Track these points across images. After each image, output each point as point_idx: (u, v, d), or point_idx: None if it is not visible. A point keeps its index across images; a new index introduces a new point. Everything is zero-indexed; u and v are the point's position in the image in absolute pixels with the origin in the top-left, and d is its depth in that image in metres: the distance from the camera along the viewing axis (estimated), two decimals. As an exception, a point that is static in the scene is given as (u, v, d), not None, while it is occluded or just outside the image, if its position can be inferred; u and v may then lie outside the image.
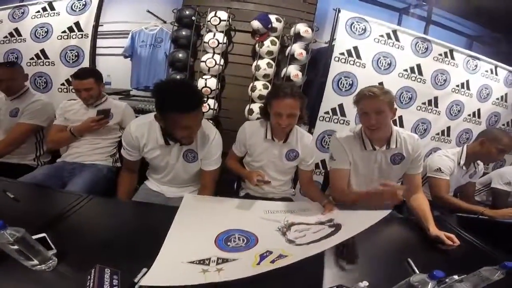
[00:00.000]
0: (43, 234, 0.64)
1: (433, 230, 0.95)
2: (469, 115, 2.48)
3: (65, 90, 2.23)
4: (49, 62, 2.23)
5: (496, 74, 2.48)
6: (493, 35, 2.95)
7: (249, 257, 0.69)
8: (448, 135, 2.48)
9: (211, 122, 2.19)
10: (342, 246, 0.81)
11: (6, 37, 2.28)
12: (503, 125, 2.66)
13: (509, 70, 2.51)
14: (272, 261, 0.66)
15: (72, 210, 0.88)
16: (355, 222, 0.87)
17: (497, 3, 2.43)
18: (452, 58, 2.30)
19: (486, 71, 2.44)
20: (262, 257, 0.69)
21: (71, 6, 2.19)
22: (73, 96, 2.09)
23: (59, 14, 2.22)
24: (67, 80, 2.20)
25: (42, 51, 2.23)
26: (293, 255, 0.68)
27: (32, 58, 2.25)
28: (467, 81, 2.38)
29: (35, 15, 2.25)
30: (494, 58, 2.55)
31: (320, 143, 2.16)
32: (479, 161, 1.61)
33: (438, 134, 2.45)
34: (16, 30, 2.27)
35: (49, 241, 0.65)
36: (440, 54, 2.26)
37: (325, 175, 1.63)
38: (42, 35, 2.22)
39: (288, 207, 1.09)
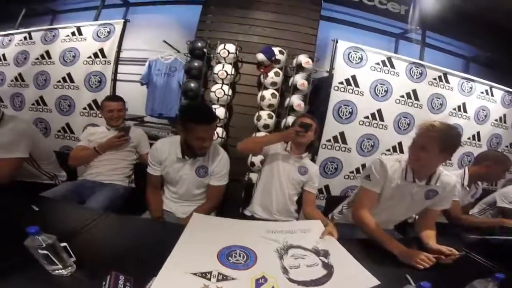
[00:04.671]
0: (65, 244, 0.71)
1: (433, 244, 1.00)
2: (469, 138, 2.47)
3: (86, 114, 2.34)
4: (74, 86, 2.34)
5: (492, 95, 2.49)
6: (487, 55, 2.94)
7: (246, 280, 0.75)
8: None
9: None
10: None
11: (37, 58, 2.41)
12: (506, 146, 2.64)
13: (504, 90, 2.51)
14: None
15: (91, 225, 0.96)
16: (346, 275, 0.84)
17: (488, 23, 2.44)
18: (447, 81, 2.35)
19: (482, 92, 2.45)
20: (258, 284, 0.74)
21: (97, 33, 2.31)
22: (94, 120, 2.32)
23: (85, 40, 2.33)
24: (89, 105, 2.32)
25: (69, 74, 2.34)
26: None
27: (59, 81, 2.36)
28: (464, 104, 2.41)
29: (64, 39, 2.39)
30: (491, 78, 2.54)
31: (323, 170, 2.21)
32: (479, 182, 1.69)
33: (439, 157, 2.45)
34: (47, 52, 2.40)
35: (69, 250, 0.71)
36: (435, 78, 2.32)
37: (327, 201, 1.68)
38: (70, 59, 2.33)
39: (289, 227, 1.13)
